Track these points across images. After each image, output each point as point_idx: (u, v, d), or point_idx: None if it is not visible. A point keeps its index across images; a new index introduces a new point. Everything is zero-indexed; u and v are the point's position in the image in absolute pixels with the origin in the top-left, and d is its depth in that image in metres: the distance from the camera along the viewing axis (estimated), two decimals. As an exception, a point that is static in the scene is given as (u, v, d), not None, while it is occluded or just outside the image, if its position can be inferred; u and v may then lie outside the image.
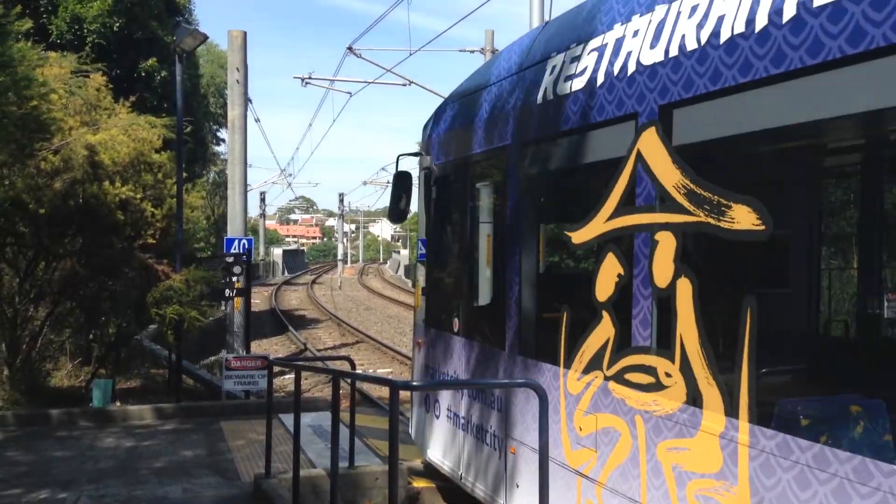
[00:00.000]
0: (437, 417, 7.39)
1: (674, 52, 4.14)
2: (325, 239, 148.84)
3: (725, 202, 3.73)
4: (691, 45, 4.03)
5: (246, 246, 15.40)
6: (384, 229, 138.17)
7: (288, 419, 9.43)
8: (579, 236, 5.01)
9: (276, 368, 11.24)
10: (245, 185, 17.98)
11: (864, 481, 2.95)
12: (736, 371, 3.64)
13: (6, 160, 10.75)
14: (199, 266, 13.08)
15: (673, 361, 4.07)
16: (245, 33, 17.50)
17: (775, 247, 3.89)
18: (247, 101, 18.00)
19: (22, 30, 10.99)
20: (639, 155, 4.36)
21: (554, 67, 5.43)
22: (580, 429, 4.90)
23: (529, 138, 5.74)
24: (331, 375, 7.63)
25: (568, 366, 5.04)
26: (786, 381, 3.85)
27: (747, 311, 3.59)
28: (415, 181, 8.08)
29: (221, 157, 42.29)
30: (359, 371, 13.28)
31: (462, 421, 6.82)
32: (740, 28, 3.66)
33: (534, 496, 4.77)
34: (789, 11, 3.34)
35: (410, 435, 8.19)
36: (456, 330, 7.13)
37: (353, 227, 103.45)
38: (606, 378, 4.63)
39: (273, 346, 23.41)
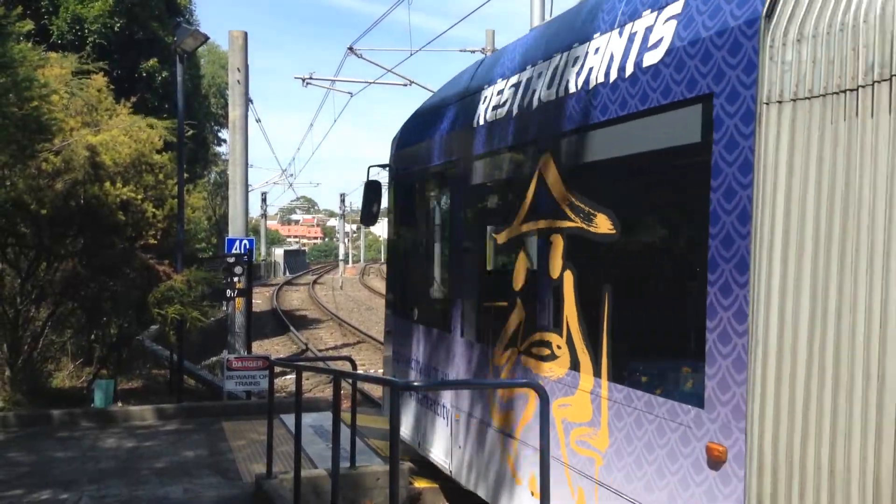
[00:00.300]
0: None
1: (561, 93, 5.31)
2: (326, 239, 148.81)
3: (593, 212, 4.95)
4: (571, 89, 5.19)
5: (247, 246, 15.41)
6: (385, 230, 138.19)
7: (289, 419, 9.44)
8: (502, 238, 6.24)
9: (278, 369, 11.25)
10: (246, 185, 17.98)
11: (673, 419, 4.13)
12: (600, 342, 4.82)
13: (7, 161, 10.76)
14: (200, 266, 13.11)
15: (561, 336, 5.20)
16: (246, 34, 17.50)
17: (625, 246, 4.96)
18: (248, 101, 18.00)
19: (23, 31, 11.01)
20: (539, 174, 5.51)
21: (485, 98, 6.59)
22: (504, 395, 6.03)
23: (468, 156, 6.85)
24: (332, 376, 7.63)
25: (495, 344, 6.15)
26: (634, 348, 4.83)
27: (606, 296, 4.79)
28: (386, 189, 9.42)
29: (223, 157, 42.31)
30: (360, 371, 13.29)
31: (421, 395, 7.92)
32: (601, 79, 4.86)
33: (469, 452, 6.53)
34: (629, 70, 4.61)
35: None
36: (415, 318, 8.37)
37: (354, 227, 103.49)
38: (520, 352, 5.76)
39: (274, 347, 23.42)
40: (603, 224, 4.87)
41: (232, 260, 13.20)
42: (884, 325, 3.14)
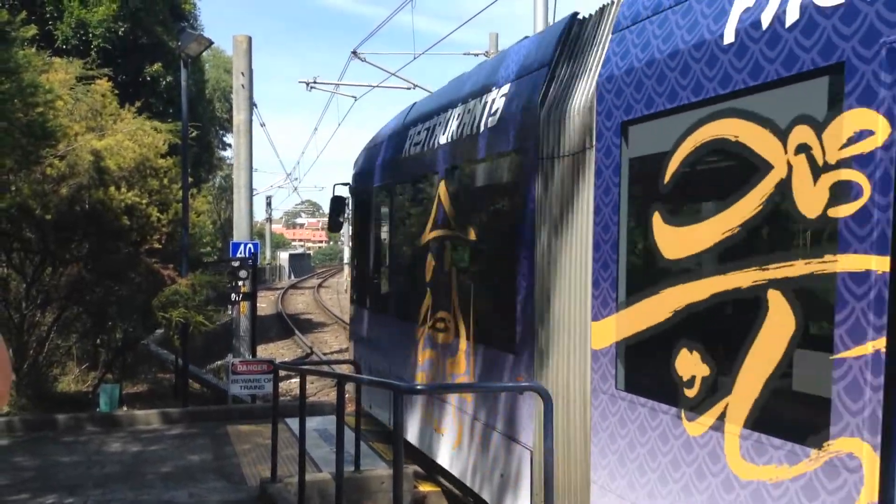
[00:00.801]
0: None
1: (447, 139, 7.64)
2: (331, 242, 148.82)
3: (465, 223, 7.18)
4: (454, 136, 7.46)
5: (252, 250, 15.43)
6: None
7: (294, 423, 9.43)
8: (419, 242, 8.29)
9: (282, 372, 11.25)
10: (251, 189, 18.01)
11: (503, 363, 6.30)
12: (469, 313, 7.00)
13: (12, 166, 10.79)
14: (205, 270, 13.12)
15: (451, 313, 7.39)
16: (250, 38, 17.54)
17: (483, 248, 7.05)
18: (252, 105, 18.03)
19: (27, 36, 11.04)
20: (439, 195, 7.69)
21: (411, 135, 8.96)
22: (421, 360, 8.21)
23: (399, 179, 9.43)
24: (336, 379, 7.63)
25: (417, 321, 8.31)
26: (487, 317, 6.83)
27: (471, 283, 7.19)
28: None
29: (227, 161, 42.32)
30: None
31: (374, 372, 10.06)
32: (469, 131, 7.11)
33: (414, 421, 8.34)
34: (481, 128, 6.85)
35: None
36: (366, 305, 10.98)
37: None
38: (429, 328, 7.92)
39: (279, 350, 23.43)
40: (472, 233, 7.11)
41: (237, 264, 13.21)
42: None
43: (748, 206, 3.83)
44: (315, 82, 24.48)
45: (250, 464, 8.87)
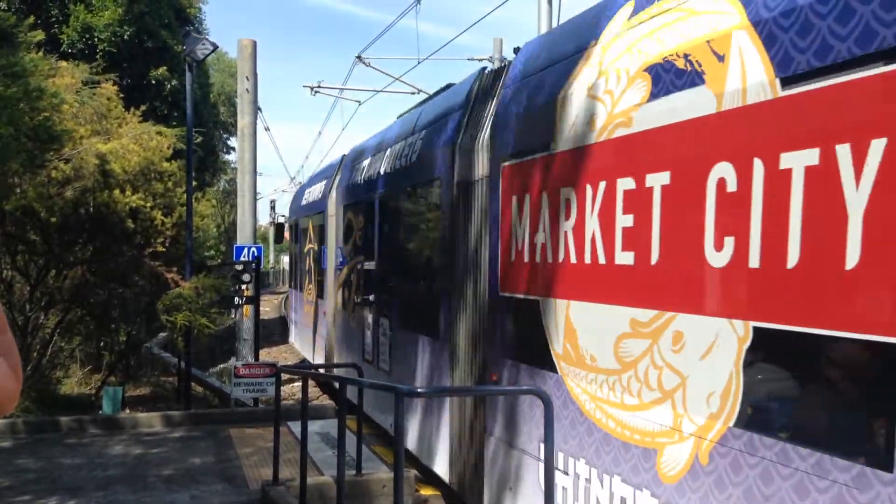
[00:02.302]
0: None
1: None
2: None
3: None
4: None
5: (255, 254, 15.45)
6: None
7: (296, 426, 9.45)
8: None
9: (285, 376, 11.28)
10: (255, 193, 18.04)
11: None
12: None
13: (17, 169, 10.85)
14: (208, 274, 13.14)
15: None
16: (255, 42, 17.58)
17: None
18: (256, 109, 18.07)
19: (34, 41, 11.11)
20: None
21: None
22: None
23: (303, 215, 16.40)
24: (338, 383, 7.65)
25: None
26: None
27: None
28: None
29: (231, 165, 42.47)
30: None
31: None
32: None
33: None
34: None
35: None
36: (301, 290, 17.20)
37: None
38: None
39: (282, 354, 23.45)
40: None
41: (240, 267, 13.24)
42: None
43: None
44: (319, 87, 24.53)
45: (252, 467, 8.88)
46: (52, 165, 11.25)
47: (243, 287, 13.02)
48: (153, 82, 20.52)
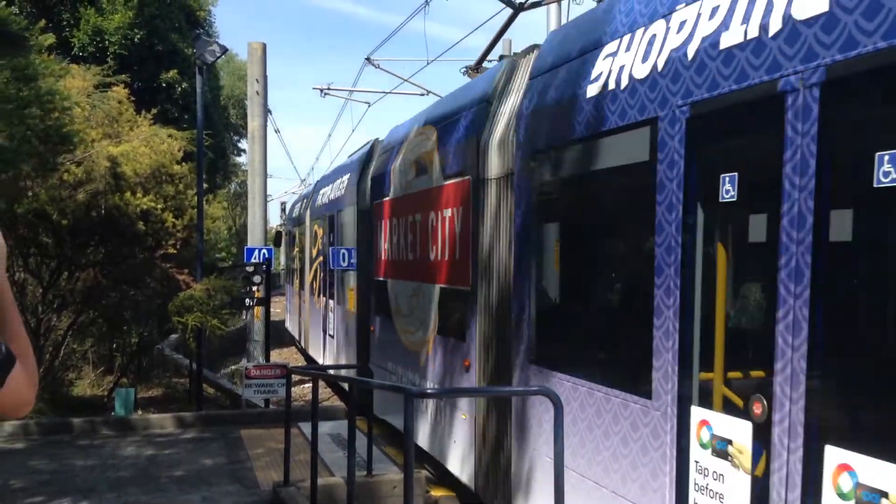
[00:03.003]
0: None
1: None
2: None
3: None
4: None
5: (266, 255, 15.49)
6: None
7: (307, 427, 9.47)
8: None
9: (296, 377, 11.29)
10: (265, 195, 18.10)
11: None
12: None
13: (29, 172, 10.91)
14: (219, 275, 13.19)
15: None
16: (265, 45, 17.64)
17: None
18: (266, 112, 18.13)
19: (45, 44, 11.17)
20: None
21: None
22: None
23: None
24: (348, 384, 7.67)
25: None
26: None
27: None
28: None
29: (242, 167, 42.58)
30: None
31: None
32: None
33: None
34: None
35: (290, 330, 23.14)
36: (292, 286, 23.14)
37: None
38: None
39: (293, 355, 23.50)
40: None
41: (251, 269, 13.27)
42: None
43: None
44: (329, 89, 24.58)
45: (263, 468, 8.90)
46: (64, 168, 11.32)
47: (254, 289, 13.06)
48: (164, 85, 20.61)
